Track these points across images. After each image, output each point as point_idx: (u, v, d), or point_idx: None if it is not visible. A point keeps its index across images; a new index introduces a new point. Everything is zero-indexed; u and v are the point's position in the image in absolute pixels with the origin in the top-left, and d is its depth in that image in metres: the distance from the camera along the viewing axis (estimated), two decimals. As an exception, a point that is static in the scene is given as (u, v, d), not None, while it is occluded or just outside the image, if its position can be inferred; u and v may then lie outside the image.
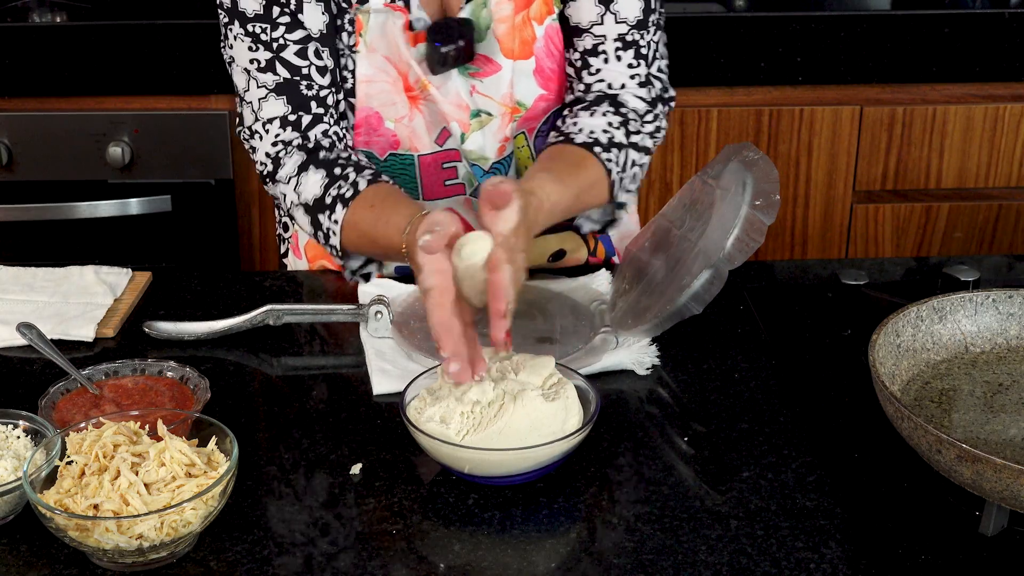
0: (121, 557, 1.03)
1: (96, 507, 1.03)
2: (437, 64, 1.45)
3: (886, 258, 2.29)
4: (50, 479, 1.07)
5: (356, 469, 1.18)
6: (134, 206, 2.39)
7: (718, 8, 2.60)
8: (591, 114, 1.50)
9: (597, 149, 1.46)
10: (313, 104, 1.46)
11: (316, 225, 1.45)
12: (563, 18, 1.51)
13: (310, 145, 1.46)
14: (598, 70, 1.52)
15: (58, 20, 2.40)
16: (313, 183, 1.43)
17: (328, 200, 1.42)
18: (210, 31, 2.31)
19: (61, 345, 1.38)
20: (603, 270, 1.55)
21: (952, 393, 1.23)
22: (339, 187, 1.42)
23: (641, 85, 1.53)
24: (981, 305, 1.29)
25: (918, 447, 1.09)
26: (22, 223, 2.40)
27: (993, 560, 1.06)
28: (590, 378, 1.24)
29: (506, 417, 1.12)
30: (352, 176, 1.42)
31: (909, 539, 1.08)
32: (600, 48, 1.50)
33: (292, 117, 1.45)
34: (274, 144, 1.46)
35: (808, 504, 1.13)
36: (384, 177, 1.45)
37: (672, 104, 1.56)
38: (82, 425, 1.13)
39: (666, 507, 1.13)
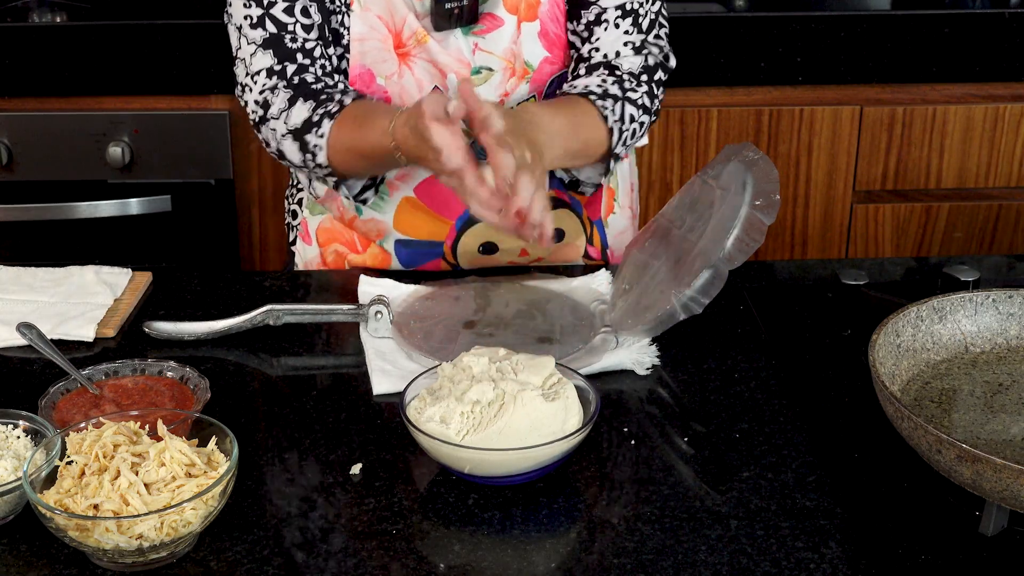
0: (121, 557, 1.03)
1: (96, 507, 1.03)
2: (441, 20, 1.47)
3: (886, 258, 2.29)
4: (50, 479, 1.07)
5: (356, 469, 1.18)
6: (134, 206, 2.39)
7: (718, 8, 2.60)
8: (589, 72, 1.55)
9: (592, 97, 1.50)
10: (299, 56, 1.51)
11: (304, 148, 1.48)
12: None
13: (296, 82, 1.51)
14: (597, 38, 1.55)
15: (58, 20, 2.40)
16: (301, 111, 1.48)
17: (315, 118, 1.46)
18: (210, 31, 2.32)
19: (61, 345, 1.38)
20: (603, 270, 1.56)
21: (952, 393, 1.23)
22: (326, 106, 1.47)
23: (636, 52, 1.56)
24: (981, 305, 1.29)
25: (918, 447, 1.09)
26: (22, 223, 2.41)
27: (993, 560, 1.06)
28: (590, 378, 1.24)
29: (506, 417, 1.12)
30: (338, 97, 1.48)
31: (909, 539, 1.08)
32: (603, 18, 1.54)
33: (278, 67, 1.51)
34: (261, 92, 1.51)
35: (808, 504, 1.13)
36: (370, 96, 1.49)
37: (671, 66, 1.59)
38: (82, 425, 1.13)
39: (666, 507, 1.13)
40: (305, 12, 1.50)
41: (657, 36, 1.58)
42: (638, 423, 1.27)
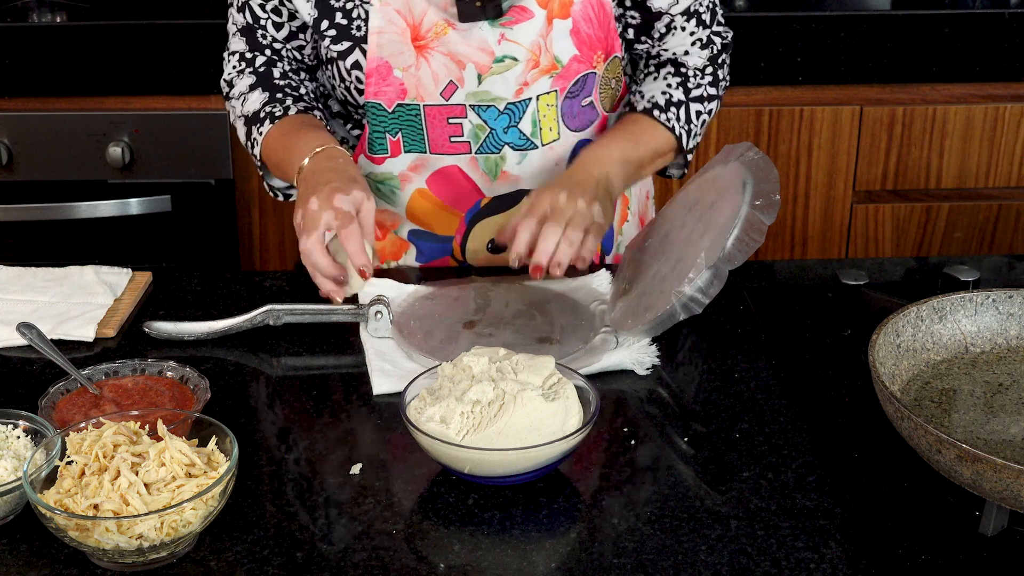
0: (121, 557, 1.03)
1: (96, 507, 1.03)
2: (467, 12, 1.50)
3: (886, 258, 2.29)
4: (50, 479, 1.07)
5: (356, 469, 1.18)
6: (134, 206, 2.39)
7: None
8: (653, 79, 1.64)
9: (656, 112, 1.59)
10: (267, 51, 1.62)
11: (248, 136, 1.59)
12: (643, 7, 1.57)
13: (261, 70, 1.61)
14: (667, 42, 1.62)
15: (58, 20, 2.40)
16: (255, 100, 1.59)
17: (261, 115, 1.57)
18: (210, 31, 2.32)
19: (61, 345, 1.38)
20: (603, 270, 1.55)
21: (952, 393, 1.23)
22: (273, 106, 1.57)
23: (703, 47, 1.63)
24: (981, 305, 1.29)
25: (918, 447, 1.09)
26: (22, 223, 2.41)
27: (993, 560, 1.05)
28: (590, 378, 1.24)
29: (506, 417, 1.12)
30: (288, 102, 1.57)
31: (909, 539, 1.08)
32: (672, 25, 1.60)
33: (249, 55, 1.62)
34: (229, 73, 1.64)
35: (808, 504, 1.13)
36: (316, 113, 1.58)
37: (731, 44, 1.67)
38: (82, 425, 1.13)
39: (666, 507, 1.13)
40: (276, 11, 1.57)
41: (718, 23, 1.65)
42: (638, 423, 1.27)
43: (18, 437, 1.16)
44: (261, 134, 1.55)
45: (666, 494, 1.15)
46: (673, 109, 1.59)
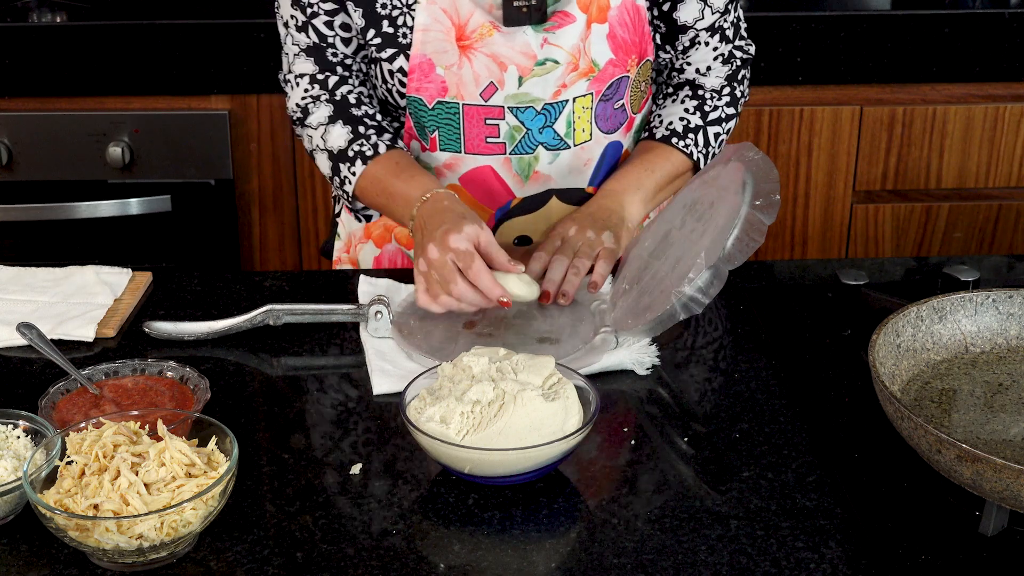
0: (121, 557, 1.03)
1: (96, 507, 1.03)
2: (512, 17, 1.52)
3: (886, 258, 2.29)
4: (50, 479, 1.07)
5: (356, 469, 1.18)
6: (134, 206, 2.39)
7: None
8: (672, 101, 1.67)
9: (674, 140, 1.63)
10: (339, 68, 1.60)
11: (335, 172, 1.60)
12: (669, 18, 1.59)
13: (337, 99, 1.59)
14: (690, 56, 1.65)
15: (58, 20, 2.40)
16: (339, 135, 1.58)
17: (351, 154, 1.57)
18: (210, 31, 2.32)
19: (61, 345, 1.38)
20: (603, 270, 1.56)
21: (952, 393, 1.23)
22: (361, 144, 1.57)
23: (724, 63, 1.66)
24: (981, 305, 1.29)
25: (918, 447, 1.09)
26: (22, 223, 2.41)
27: (993, 560, 1.06)
28: (590, 378, 1.24)
29: (506, 417, 1.12)
30: (374, 138, 1.58)
31: (909, 539, 1.08)
32: (696, 40, 1.63)
33: (320, 76, 1.60)
34: (303, 98, 1.60)
35: (808, 504, 1.13)
36: (400, 144, 1.60)
37: (752, 58, 1.71)
38: (82, 425, 1.13)
39: (666, 507, 1.13)
40: (345, 27, 1.57)
41: (740, 37, 1.67)
42: (638, 423, 1.27)
43: (18, 437, 1.16)
44: (354, 174, 1.56)
45: (666, 494, 1.15)
46: (691, 135, 1.63)
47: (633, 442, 1.23)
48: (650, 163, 1.61)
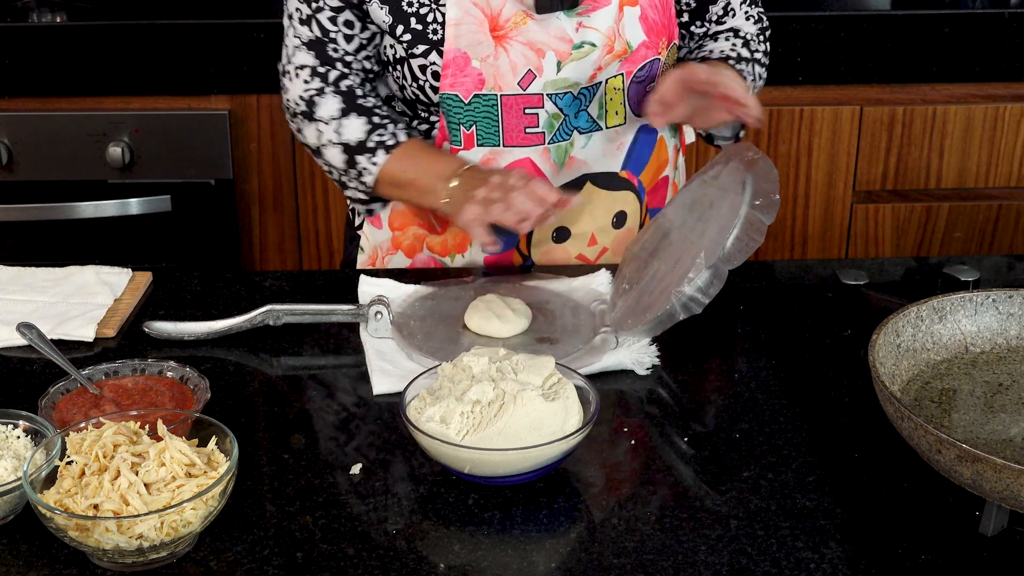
0: (121, 557, 1.03)
1: (96, 507, 1.03)
2: (543, 6, 1.54)
3: (886, 258, 2.29)
4: (50, 479, 1.07)
5: (356, 469, 1.18)
6: (134, 206, 2.39)
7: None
8: (714, 39, 1.70)
9: (731, 61, 1.66)
10: (339, 64, 1.60)
11: (351, 164, 1.60)
12: None
13: (343, 90, 1.59)
14: (724, 22, 1.70)
15: (58, 20, 2.40)
16: (355, 127, 1.58)
17: (371, 144, 1.58)
18: (210, 31, 2.32)
19: (61, 345, 1.38)
20: (603, 270, 1.56)
21: (952, 393, 1.23)
22: (380, 134, 1.58)
23: (755, 23, 1.73)
24: (981, 305, 1.29)
25: (918, 447, 1.09)
26: (22, 223, 2.41)
27: (993, 560, 1.06)
28: (590, 378, 1.24)
29: (506, 417, 1.12)
30: (391, 127, 1.59)
31: (909, 539, 1.08)
32: (730, 7, 1.68)
33: (321, 70, 1.60)
34: (306, 90, 1.60)
35: (808, 504, 1.13)
36: (416, 133, 1.62)
37: (768, 26, 1.76)
38: (82, 425, 1.13)
39: (666, 507, 1.13)
40: (348, 24, 1.57)
41: (759, 5, 1.75)
42: (638, 423, 1.27)
43: (18, 437, 1.16)
44: (375, 164, 1.58)
45: (666, 494, 1.15)
46: (743, 64, 1.66)
47: (633, 442, 1.23)
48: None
